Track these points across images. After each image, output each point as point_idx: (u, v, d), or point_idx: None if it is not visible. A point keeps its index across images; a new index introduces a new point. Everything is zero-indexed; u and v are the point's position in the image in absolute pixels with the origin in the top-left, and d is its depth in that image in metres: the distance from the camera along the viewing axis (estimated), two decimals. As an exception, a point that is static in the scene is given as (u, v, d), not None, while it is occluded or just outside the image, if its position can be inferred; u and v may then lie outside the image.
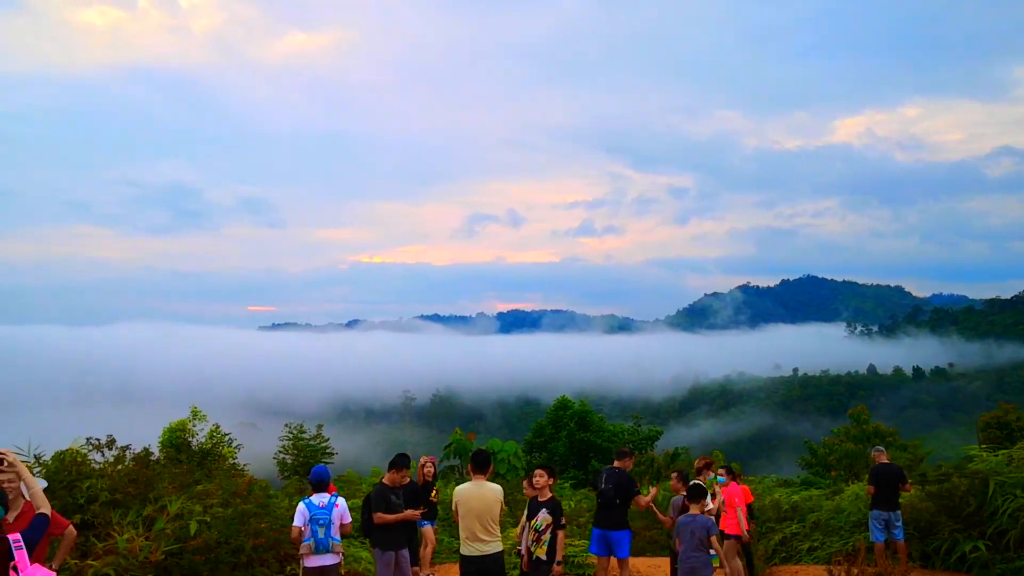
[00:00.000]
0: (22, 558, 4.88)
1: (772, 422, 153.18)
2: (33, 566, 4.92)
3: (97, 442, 14.10)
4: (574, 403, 42.52)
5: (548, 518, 9.73)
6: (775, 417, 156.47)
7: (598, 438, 39.73)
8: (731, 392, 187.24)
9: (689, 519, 9.82)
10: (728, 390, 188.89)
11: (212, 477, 15.15)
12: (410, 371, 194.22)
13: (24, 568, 4.84)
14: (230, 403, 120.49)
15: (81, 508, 11.98)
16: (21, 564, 4.85)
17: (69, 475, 12.43)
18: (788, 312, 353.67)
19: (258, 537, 12.44)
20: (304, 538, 9.27)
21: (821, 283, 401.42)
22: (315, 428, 36.79)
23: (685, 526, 9.77)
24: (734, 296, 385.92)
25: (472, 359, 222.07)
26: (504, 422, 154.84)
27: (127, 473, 13.23)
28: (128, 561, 10.84)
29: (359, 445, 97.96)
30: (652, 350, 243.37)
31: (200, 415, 19.87)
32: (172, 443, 18.67)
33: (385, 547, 10.12)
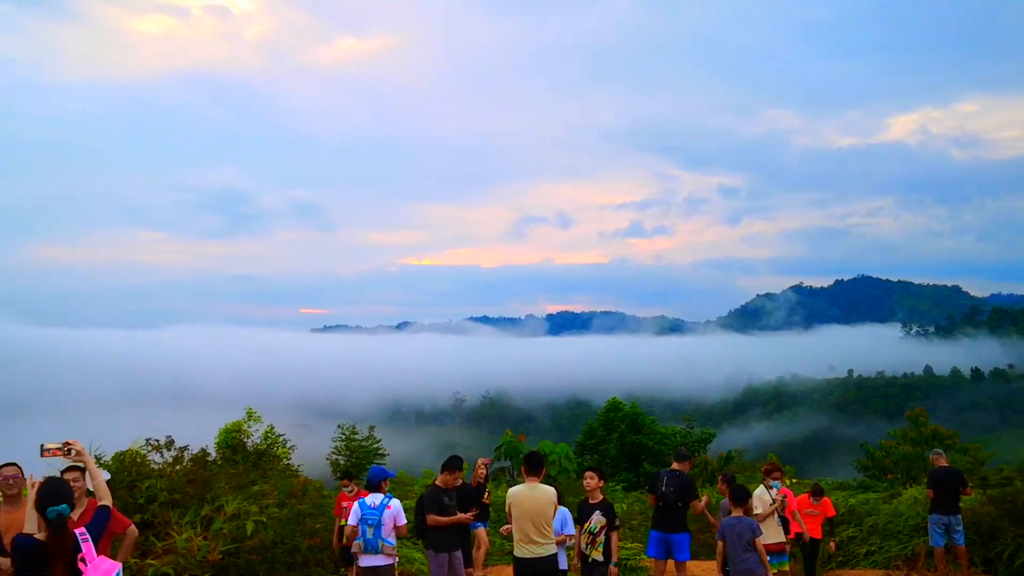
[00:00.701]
0: (89, 550, 5.04)
1: (826, 424, 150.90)
2: (100, 558, 5.07)
3: (156, 443, 14.32)
4: (625, 405, 42.29)
5: (602, 520, 9.70)
6: (829, 419, 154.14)
7: (650, 440, 39.46)
8: (785, 394, 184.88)
9: (735, 521, 9.69)
10: (781, 392, 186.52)
11: (267, 478, 15.32)
12: (460, 373, 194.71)
13: (92, 560, 5.00)
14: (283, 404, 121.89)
15: (141, 508, 12.17)
16: (89, 556, 5.00)
17: (129, 475, 12.65)
18: (842, 313, 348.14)
19: (313, 537, 12.58)
20: (356, 537, 9.33)
21: (876, 283, 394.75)
22: (367, 429, 37.14)
23: (731, 528, 9.64)
24: (787, 297, 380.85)
25: (522, 361, 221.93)
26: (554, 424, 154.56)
27: (185, 473, 13.42)
28: (187, 560, 11.01)
29: (410, 447, 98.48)
30: (704, 351, 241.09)
31: (255, 416, 20.07)
32: (228, 444, 18.89)
33: (439, 549, 10.14)
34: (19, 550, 5.01)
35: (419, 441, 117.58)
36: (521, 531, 9.05)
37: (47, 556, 4.89)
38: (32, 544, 4.99)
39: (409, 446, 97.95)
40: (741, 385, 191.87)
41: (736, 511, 9.83)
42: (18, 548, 5.02)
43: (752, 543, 9.48)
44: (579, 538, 9.92)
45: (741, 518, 9.73)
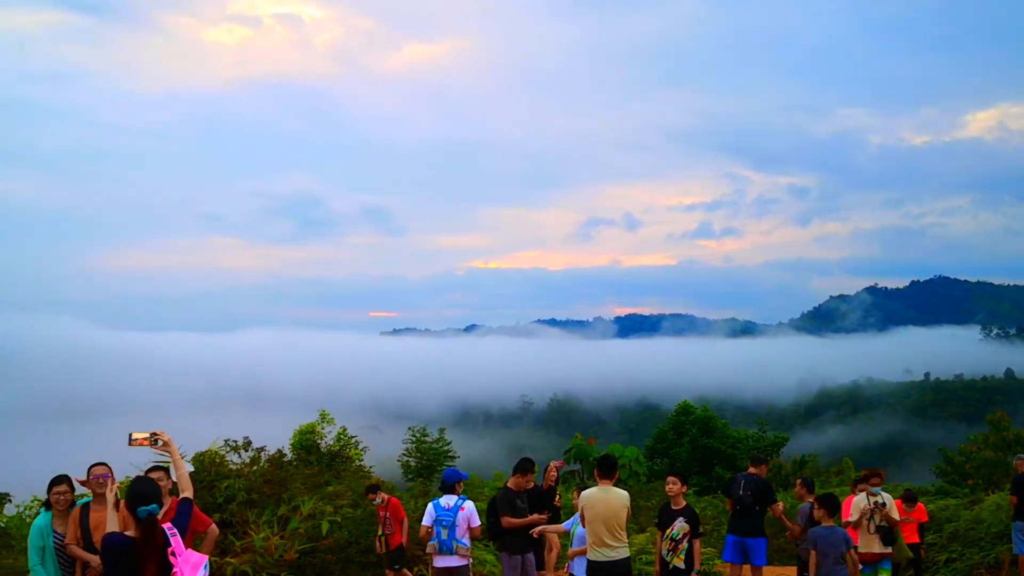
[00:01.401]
0: (178, 543, 5.19)
1: (903, 429, 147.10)
2: (188, 550, 5.21)
3: (234, 444, 14.61)
4: (696, 408, 41.85)
5: (685, 527, 9.58)
6: (906, 423, 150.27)
7: (722, 444, 38.99)
8: (859, 397, 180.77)
9: (827, 531, 9.39)
10: (856, 395, 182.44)
11: (341, 479, 15.53)
12: (528, 375, 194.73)
13: (181, 553, 5.15)
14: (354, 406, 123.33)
15: (220, 507, 12.44)
16: (178, 549, 5.15)
17: (209, 475, 12.94)
18: (918, 314, 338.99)
19: (387, 538, 12.71)
20: (430, 538, 9.39)
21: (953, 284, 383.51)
22: (437, 432, 37.40)
23: (824, 539, 9.32)
24: (861, 298, 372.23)
25: (590, 363, 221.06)
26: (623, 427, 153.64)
27: (262, 474, 13.68)
28: (264, 559, 11.22)
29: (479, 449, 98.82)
30: (776, 354, 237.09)
31: (328, 418, 20.31)
32: (302, 445, 19.17)
33: (512, 551, 10.15)
34: (110, 548, 5.15)
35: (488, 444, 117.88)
36: (594, 534, 9.01)
37: (138, 554, 5.03)
38: (123, 542, 5.14)
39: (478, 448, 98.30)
40: (814, 388, 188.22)
41: (828, 520, 9.56)
42: (109, 546, 5.17)
43: (845, 555, 9.24)
44: (660, 543, 9.83)
45: (834, 528, 9.44)
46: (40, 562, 7.37)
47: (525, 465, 10.72)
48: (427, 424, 40.10)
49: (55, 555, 7.44)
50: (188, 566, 5.09)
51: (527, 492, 10.77)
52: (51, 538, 7.45)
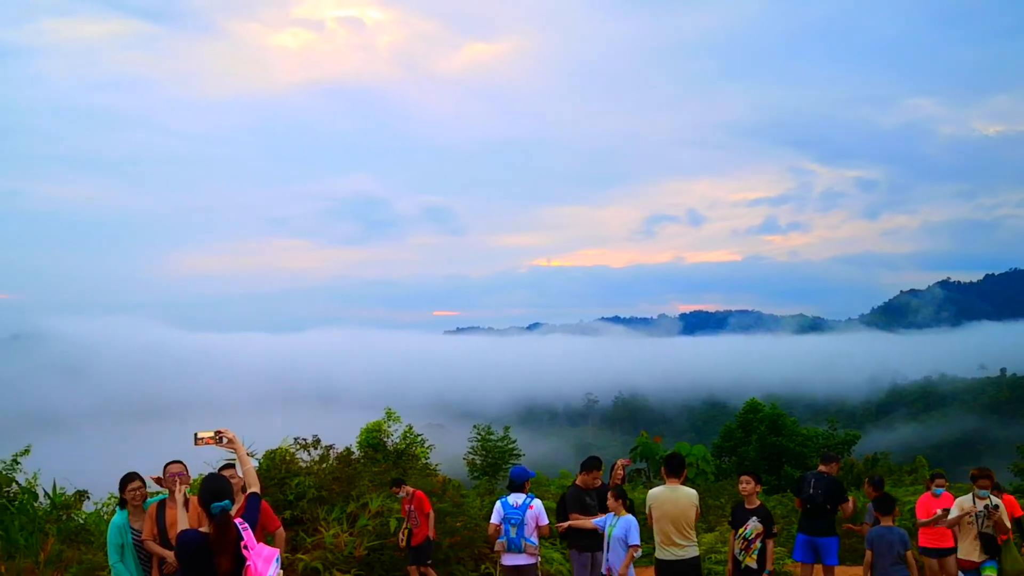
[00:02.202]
0: (250, 538, 5.27)
1: (978, 426, 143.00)
2: (260, 544, 5.30)
3: (304, 441, 14.80)
4: (765, 406, 41.25)
5: (759, 526, 9.44)
6: (982, 421, 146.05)
7: (791, 442, 38.37)
8: (932, 394, 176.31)
9: (885, 531, 9.16)
10: (929, 392, 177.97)
11: (408, 477, 15.64)
12: (592, 373, 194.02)
13: (253, 547, 5.24)
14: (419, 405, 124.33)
15: (290, 504, 12.63)
16: (250, 543, 5.23)
17: (279, 473, 13.14)
18: (994, 309, 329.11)
19: (454, 535, 12.76)
20: (499, 536, 9.37)
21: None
22: (502, 430, 37.47)
23: (881, 538, 9.09)
24: (934, 293, 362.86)
25: (655, 361, 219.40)
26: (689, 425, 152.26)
27: (331, 471, 13.85)
28: (334, 556, 11.36)
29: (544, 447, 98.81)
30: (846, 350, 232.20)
31: (394, 416, 20.47)
32: (369, 443, 19.35)
33: (582, 548, 10.09)
34: (185, 544, 5.25)
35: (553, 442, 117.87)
36: (662, 533, 8.94)
37: (213, 549, 5.13)
38: (198, 538, 5.23)
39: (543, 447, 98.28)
40: (886, 385, 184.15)
41: (885, 520, 9.36)
42: (184, 542, 5.26)
43: (903, 555, 9.01)
44: (732, 543, 9.71)
45: (891, 528, 9.23)
46: (120, 559, 7.54)
47: (592, 463, 10.67)
48: (491, 423, 40.19)
49: (134, 551, 7.62)
50: (260, 559, 5.17)
51: (595, 490, 10.73)
52: (129, 535, 7.62)
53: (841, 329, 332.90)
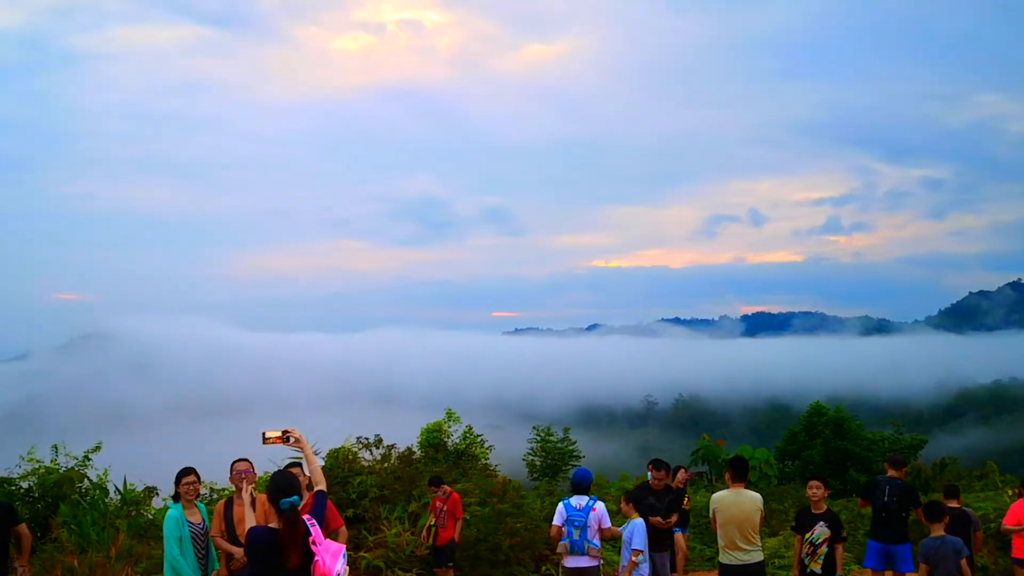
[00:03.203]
0: (317, 534, 5.35)
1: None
2: (327, 540, 5.39)
3: (366, 441, 14.95)
4: (829, 409, 40.53)
5: (826, 531, 9.29)
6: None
7: (856, 446, 37.66)
8: (1004, 398, 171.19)
9: (937, 542, 8.90)
10: (1000, 396, 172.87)
11: (468, 477, 15.68)
12: (652, 375, 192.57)
13: (320, 542, 5.31)
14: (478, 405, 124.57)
15: (353, 503, 12.77)
16: (318, 539, 5.31)
17: (342, 471, 13.29)
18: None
19: (514, 536, 12.75)
20: (561, 538, 9.35)
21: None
22: (561, 431, 37.40)
23: (935, 549, 8.82)
24: (1004, 294, 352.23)
25: (717, 362, 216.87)
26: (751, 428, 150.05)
27: (393, 471, 13.97)
28: (396, 554, 11.46)
29: (604, 449, 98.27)
30: (913, 352, 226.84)
31: (455, 417, 20.56)
32: (430, 443, 19.46)
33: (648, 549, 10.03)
34: (255, 541, 5.34)
35: (613, 444, 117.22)
36: (727, 538, 8.87)
37: (282, 544, 5.21)
38: (267, 534, 5.33)
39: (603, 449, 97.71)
40: (954, 388, 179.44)
41: (935, 529, 9.09)
42: (254, 539, 5.36)
43: (959, 565, 8.75)
44: (798, 547, 9.57)
45: (944, 538, 8.96)
46: (179, 552, 7.69)
47: (659, 463, 10.69)
48: (550, 423, 40.15)
49: (191, 544, 7.76)
50: (328, 555, 5.26)
51: (661, 492, 10.68)
52: (186, 528, 7.77)
53: (907, 331, 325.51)
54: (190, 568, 7.66)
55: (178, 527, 7.73)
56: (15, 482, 14.71)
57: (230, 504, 7.79)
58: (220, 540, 7.64)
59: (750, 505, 8.84)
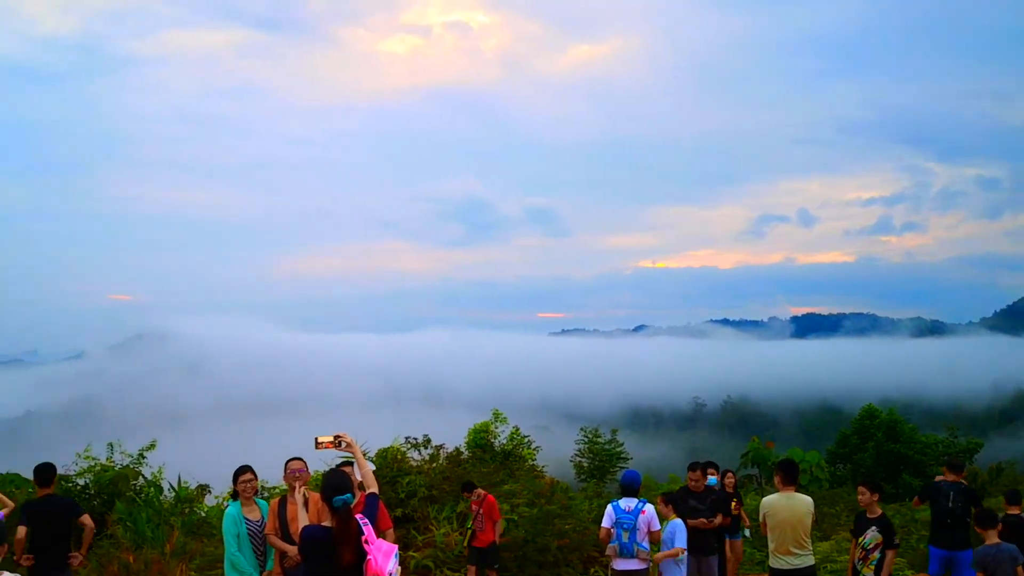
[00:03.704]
0: (370, 533, 5.42)
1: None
2: (379, 540, 5.44)
3: (414, 441, 15.03)
4: (882, 412, 39.91)
5: (878, 536, 9.14)
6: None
7: (909, 450, 37.02)
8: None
9: (993, 549, 8.62)
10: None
11: (515, 478, 15.69)
12: (700, 376, 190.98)
13: (372, 541, 5.38)
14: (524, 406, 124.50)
15: (402, 502, 12.85)
16: (370, 538, 5.38)
17: (391, 471, 13.38)
18: None
19: (562, 538, 12.73)
20: (610, 540, 9.31)
21: None
22: (609, 433, 37.24)
23: (991, 557, 8.55)
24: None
25: (766, 364, 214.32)
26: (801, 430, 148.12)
27: (441, 471, 14.03)
28: (445, 554, 11.51)
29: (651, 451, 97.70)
30: (968, 355, 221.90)
31: (501, 417, 20.58)
32: (477, 443, 19.50)
33: (692, 552, 9.96)
34: (308, 539, 5.42)
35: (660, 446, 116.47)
36: (778, 541, 8.75)
37: (336, 542, 5.27)
38: (321, 532, 5.40)
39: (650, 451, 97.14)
40: (1010, 391, 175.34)
41: (989, 537, 8.86)
42: (307, 537, 5.44)
43: (1016, 572, 8.52)
44: (853, 551, 9.45)
45: (999, 545, 8.71)
46: (237, 549, 7.81)
47: (694, 465, 10.64)
48: (596, 425, 39.98)
49: (249, 541, 7.87)
50: (381, 554, 5.31)
51: (705, 494, 10.60)
52: (244, 525, 7.88)
53: (962, 332, 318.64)
54: (249, 565, 7.77)
55: (235, 524, 7.85)
56: (72, 479, 15.04)
57: (284, 503, 7.88)
58: (274, 538, 7.73)
59: (802, 508, 8.72)
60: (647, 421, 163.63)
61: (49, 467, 9.60)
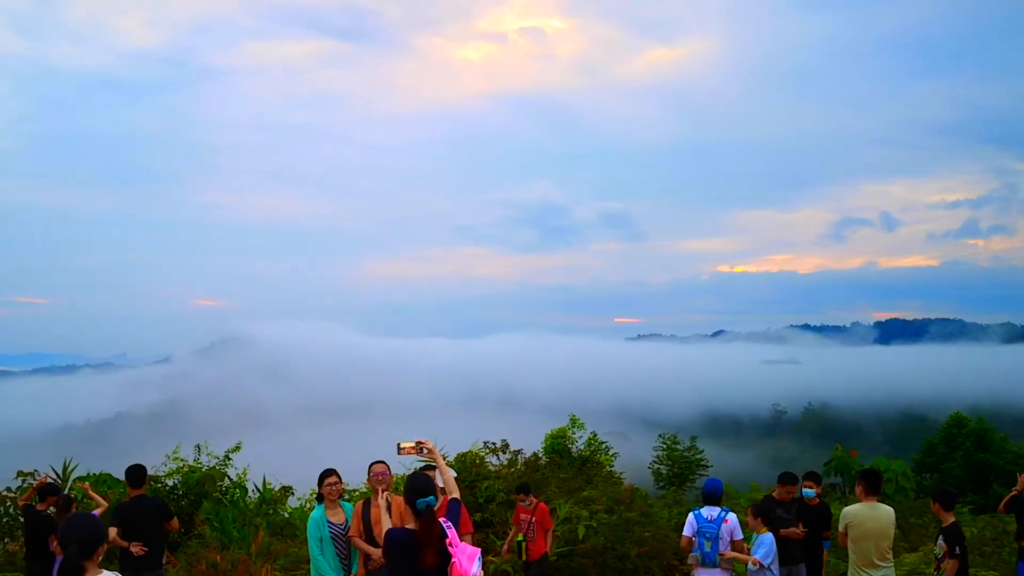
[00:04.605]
0: (454, 536, 5.48)
1: None
2: (462, 543, 5.49)
3: (493, 445, 15.10)
4: (970, 420, 38.69)
5: (943, 545, 8.92)
6: None
7: (1000, 460, 35.79)
8: None
9: None
10: None
11: (593, 483, 15.64)
12: (780, 383, 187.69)
13: (456, 544, 5.43)
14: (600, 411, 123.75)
15: (481, 507, 12.91)
16: (454, 541, 5.44)
17: (470, 475, 13.45)
18: None
19: (642, 545, 12.63)
20: (692, 549, 9.21)
21: None
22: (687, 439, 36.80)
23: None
24: None
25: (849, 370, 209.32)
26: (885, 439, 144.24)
27: (520, 475, 14.04)
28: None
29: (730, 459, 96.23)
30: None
31: (579, 423, 20.54)
32: (554, 448, 19.50)
33: (781, 562, 9.80)
34: (393, 542, 5.49)
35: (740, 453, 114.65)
36: (861, 553, 8.56)
37: (419, 544, 5.34)
38: (405, 535, 5.47)
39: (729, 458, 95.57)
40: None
41: None
42: (392, 540, 5.51)
43: None
44: None
45: None
46: (320, 552, 7.95)
47: (788, 477, 10.41)
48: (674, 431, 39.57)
49: (332, 544, 8.00)
50: (465, 557, 5.35)
51: (791, 504, 10.43)
52: (327, 528, 8.02)
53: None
54: (331, 568, 7.90)
55: (318, 528, 7.99)
56: (161, 480, 15.49)
57: (367, 505, 8.00)
58: (358, 540, 7.85)
59: (886, 519, 8.55)
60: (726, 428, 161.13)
61: (141, 469, 9.93)
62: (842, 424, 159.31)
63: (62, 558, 4.16)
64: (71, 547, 4.07)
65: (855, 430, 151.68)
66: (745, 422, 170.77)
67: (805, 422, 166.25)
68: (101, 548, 4.23)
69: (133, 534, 9.36)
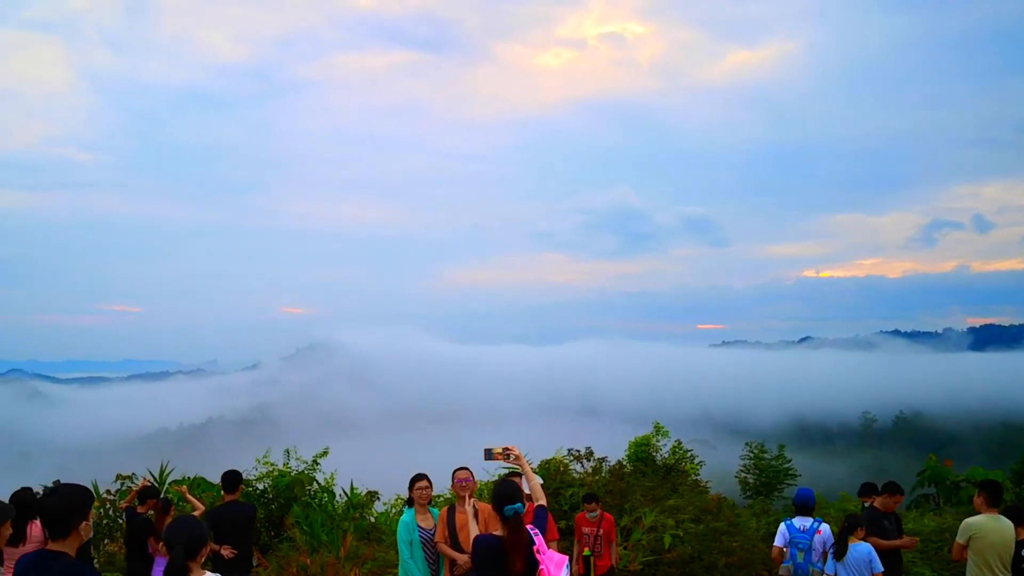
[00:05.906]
0: (541, 543, 5.48)
1: None
2: (550, 550, 5.44)
3: (577, 453, 15.00)
4: (1074, 430, 37.02)
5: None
6: None
7: (1106, 471, 34.10)
8: None
9: None
10: None
11: (679, 493, 15.40)
12: (870, 390, 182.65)
13: (544, 551, 5.43)
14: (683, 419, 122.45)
15: (564, 515, 12.83)
16: (542, 548, 5.44)
17: (554, 483, 13.39)
18: None
19: (730, 555, 12.39)
20: (783, 560, 8.99)
21: None
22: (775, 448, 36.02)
23: None
24: None
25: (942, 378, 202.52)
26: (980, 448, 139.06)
27: (604, 484, 13.92)
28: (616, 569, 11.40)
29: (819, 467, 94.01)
30: None
31: (663, 431, 20.27)
32: (638, 456, 19.28)
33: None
34: (480, 548, 5.49)
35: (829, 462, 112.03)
36: (984, 565, 8.32)
37: (507, 551, 5.31)
38: (493, 541, 5.46)
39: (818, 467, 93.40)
40: None
41: None
42: (480, 546, 5.51)
43: None
44: None
45: None
46: (410, 555, 7.99)
47: (893, 487, 10.15)
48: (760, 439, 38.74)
49: (422, 548, 8.04)
50: (552, 564, 5.31)
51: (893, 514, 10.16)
52: (417, 532, 8.06)
53: None
54: (420, 572, 7.95)
55: (408, 532, 8.05)
56: (252, 484, 15.81)
57: (452, 511, 8.02)
58: (444, 546, 7.87)
59: (1010, 532, 8.36)
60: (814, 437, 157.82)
61: (235, 474, 10.17)
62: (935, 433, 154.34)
63: (168, 559, 4.28)
64: (177, 548, 4.19)
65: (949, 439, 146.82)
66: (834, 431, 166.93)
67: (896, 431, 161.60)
68: (205, 549, 4.34)
69: (226, 538, 9.58)
